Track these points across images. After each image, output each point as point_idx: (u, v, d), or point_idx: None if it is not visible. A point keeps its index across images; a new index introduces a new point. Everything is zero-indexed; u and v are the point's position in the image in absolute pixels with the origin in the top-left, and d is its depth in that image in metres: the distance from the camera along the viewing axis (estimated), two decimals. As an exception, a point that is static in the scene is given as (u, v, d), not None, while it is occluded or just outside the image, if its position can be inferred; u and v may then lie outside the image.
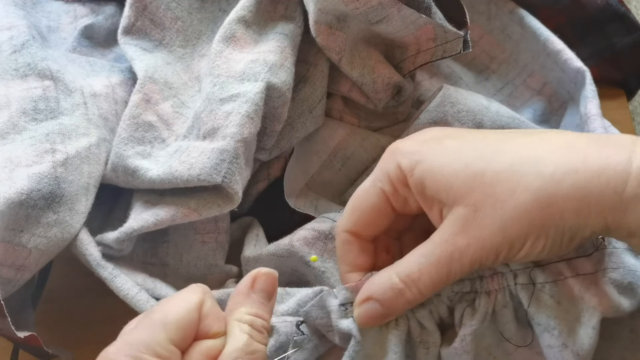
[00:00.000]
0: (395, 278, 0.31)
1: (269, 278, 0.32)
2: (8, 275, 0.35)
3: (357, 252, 0.34)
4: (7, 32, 0.41)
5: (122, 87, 0.44)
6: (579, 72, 0.46)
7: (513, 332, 0.33)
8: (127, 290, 0.37)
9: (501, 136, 0.32)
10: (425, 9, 0.41)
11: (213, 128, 0.38)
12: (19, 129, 0.38)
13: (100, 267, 0.38)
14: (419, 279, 0.31)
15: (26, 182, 0.35)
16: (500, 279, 0.33)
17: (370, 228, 0.34)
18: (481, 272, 0.33)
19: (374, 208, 0.33)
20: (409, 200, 0.33)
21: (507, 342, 0.33)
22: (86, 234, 0.38)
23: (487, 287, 0.33)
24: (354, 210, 0.34)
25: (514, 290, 0.33)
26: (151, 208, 0.38)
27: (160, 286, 0.39)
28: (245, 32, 0.42)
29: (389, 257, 0.35)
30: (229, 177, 0.37)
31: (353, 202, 0.34)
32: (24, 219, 0.35)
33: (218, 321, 0.30)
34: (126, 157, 0.39)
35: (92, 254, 0.38)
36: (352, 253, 0.34)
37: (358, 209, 0.34)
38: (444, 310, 0.33)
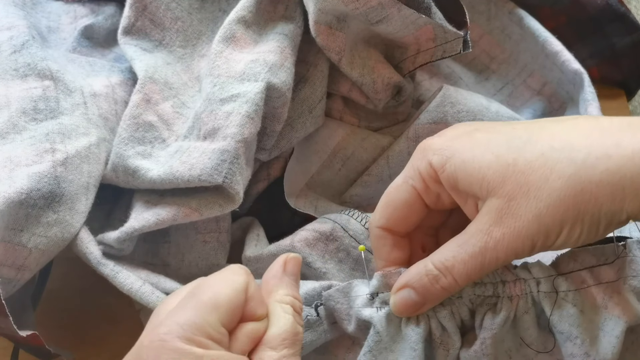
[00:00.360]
0: (430, 265, 0.31)
1: (297, 262, 0.33)
2: (8, 275, 0.35)
3: (391, 247, 0.34)
4: (7, 32, 0.41)
5: (122, 87, 0.44)
6: (577, 74, 0.46)
7: (534, 337, 0.33)
8: (131, 285, 0.37)
9: (531, 125, 0.32)
10: (425, 9, 0.41)
11: (213, 128, 0.38)
12: (19, 129, 0.38)
13: (101, 265, 0.38)
14: (454, 266, 0.31)
15: (26, 181, 0.35)
16: (523, 285, 0.32)
17: (403, 224, 0.34)
18: (504, 277, 0.33)
19: (406, 205, 0.33)
20: (441, 196, 0.33)
21: (527, 347, 0.33)
22: (86, 233, 0.38)
23: (509, 292, 0.33)
24: (386, 207, 0.34)
25: (536, 297, 0.32)
26: (152, 208, 0.38)
27: (164, 280, 0.38)
28: (245, 33, 0.42)
29: (424, 254, 0.35)
30: (230, 178, 0.37)
31: (385, 199, 0.34)
32: (24, 218, 0.35)
33: (262, 304, 0.31)
34: (126, 157, 0.39)
35: (92, 252, 0.38)
36: (385, 248, 0.34)
37: (390, 205, 0.34)
38: (465, 312, 0.33)
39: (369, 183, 0.44)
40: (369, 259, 0.38)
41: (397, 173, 0.44)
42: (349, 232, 0.39)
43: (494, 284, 0.33)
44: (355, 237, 0.39)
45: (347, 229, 0.39)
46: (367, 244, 0.38)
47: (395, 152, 0.44)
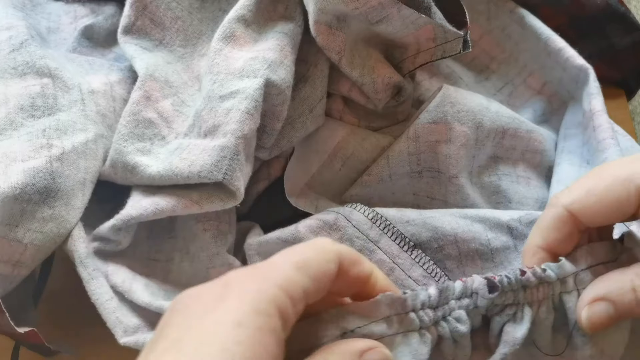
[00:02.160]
0: (639, 281, 0.27)
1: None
2: (5, 272, 0.35)
3: (565, 235, 0.30)
4: (6, 32, 0.41)
5: (121, 85, 0.44)
6: (582, 69, 0.46)
7: (548, 341, 0.30)
8: (99, 296, 0.37)
9: None
10: (425, 9, 0.41)
11: (214, 125, 0.38)
12: (16, 125, 0.38)
13: (82, 265, 0.37)
14: None
15: (21, 176, 0.35)
16: (547, 288, 0.29)
17: (597, 218, 0.29)
18: (526, 282, 0.29)
19: (617, 202, 0.28)
20: None
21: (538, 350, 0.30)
22: (78, 230, 0.38)
23: (530, 298, 0.29)
24: (590, 193, 0.29)
25: (556, 299, 0.30)
26: (151, 197, 0.38)
27: (136, 289, 0.38)
28: (245, 31, 0.42)
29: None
30: (230, 174, 0.37)
31: (593, 184, 0.29)
32: (19, 213, 0.35)
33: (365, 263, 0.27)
34: (126, 153, 0.39)
35: (77, 250, 0.37)
36: (558, 233, 0.30)
37: (595, 195, 0.29)
38: (479, 321, 0.30)
39: (369, 183, 0.44)
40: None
41: (397, 173, 0.44)
42: (352, 222, 0.39)
43: (515, 291, 0.29)
44: (358, 227, 0.39)
45: (350, 219, 0.39)
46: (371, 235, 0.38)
47: (396, 152, 0.44)
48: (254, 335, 0.22)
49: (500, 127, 0.45)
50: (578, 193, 0.29)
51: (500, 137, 0.45)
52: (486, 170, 0.46)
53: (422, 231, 0.38)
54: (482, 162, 0.46)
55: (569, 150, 0.46)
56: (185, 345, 0.22)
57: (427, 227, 0.38)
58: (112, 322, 0.36)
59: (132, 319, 0.37)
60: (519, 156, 0.46)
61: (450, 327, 0.29)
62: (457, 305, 0.29)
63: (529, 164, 0.47)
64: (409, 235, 0.38)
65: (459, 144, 0.43)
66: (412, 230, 0.38)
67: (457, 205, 0.44)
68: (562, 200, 0.30)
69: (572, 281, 0.30)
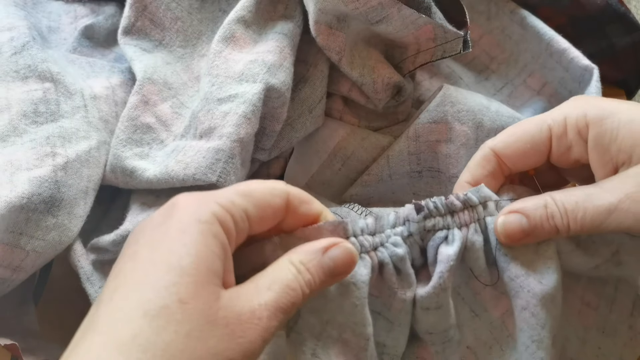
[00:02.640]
0: (551, 201, 0.31)
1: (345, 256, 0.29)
2: (3, 275, 0.36)
3: (488, 171, 0.34)
4: (8, 33, 0.41)
5: (123, 88, 0.44)
6: (587, 69, 0.46)
7: (482, 269, 0.33)
8: None
9: None
10: (425, 9, 0.41)
11: (210, 127, 0.38)
12: (19, 132, 0.38)
13: (89, 282, 0.38)
14: (574, 211, 0.30)
15: (27, 186, 0.35)
16: (472, 212, 0.32)
17: (516, 159, 0.33)
18: (452, 206, 0.32)
19: (531, 142, 0.33)
20: (571, 150, 0.32)
21: (475, 280, 0.33)
22: (80, 245, 0.38)
23: (458, 221, 0.32)
24: (511, 135, 0.33)
25: (482, 223, 0.32)
26: (147, 210, 0.39)
27: None
28: (245, 32, 0.42)
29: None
30: (224, 177, 0.37)
31: (514, 128, 0.34)
32: (24, 222, 0.35)
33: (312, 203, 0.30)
34: (124, 158, 0.39)
35: (83, 267, 0.38)
36: (483, 170, 0.34)
37: (515, 135, 0.33)
38: (417, 250, 0.32)
39: (369, 183, 0.44)
40: None
41: (397, 173, 0.44)
42: None
43: (443, 215, 0.32)
44: None
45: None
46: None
47: (396, 152, 0.44)
48: (197, 239, 0.26)
49: (501, 126, 0.45)
50: (501, 136, 0.34)
51: (500, 137, 0.45)
52: (486, 170, 0.46)
53: None
54: (482, 162, 0.46)
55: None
56: (139, 255, 0.26)
57: None
58: None
59: None
60: (519, 156, 0.46)
61: (388, 252, 0.31)
62: (392, 232, 0.32)
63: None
64: None
65: (459, 143, 0.43)
66: None
67: (457, 205, 0.44)
68: (488, 142, 0.34)
69: (494, 206, 0.33)
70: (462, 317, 0.34)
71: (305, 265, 0.28)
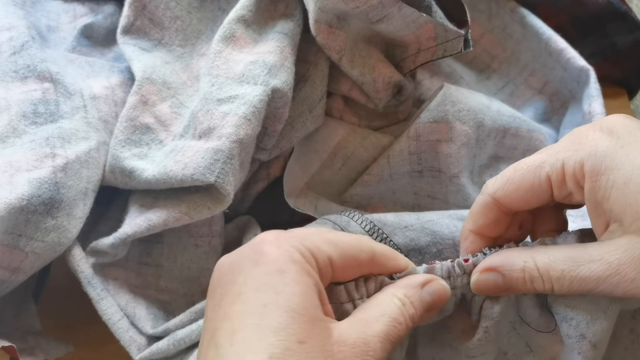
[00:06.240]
0: (533, 266, 0.30)
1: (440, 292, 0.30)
2: (2, 277, 0.36)
3: (492, 220, 0.33)
4: (7, 32, 0.41)
5: (122, 88, 0.44)
6: (583, 70, 0.46)
7: (534, 318, 0.32)
8: (110, 315, 0.38)
9: None
10: (426, 7, 0.41)
11: (209, 128, 0.38)
12: (18, 133, 0.38)
13: (90, 285, 0.38)
14: (559, 279, 0.29)
15: (27, 187, 0.35)
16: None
17: (518, 204, 0.32)
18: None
19: (530, 189, 0.31)
20: (573, 196, 0.30)
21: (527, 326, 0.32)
22: (79, 250, 0.38)
23: None
24: (510, 182, 0.32)
25: None
26: (145, 212, 0.38)
27: (140, 316, 0.39)
28: (245, 32, 0.42)
29: (519, 232, 0.34)
30: (222, 178, 0.37)
31: (512, 173, 0.32)
32: (24, 223, 0.35)
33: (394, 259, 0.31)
34: (123, 158, 0.39)
35: (83, 272, 0.38)
36: (485, 218, 0.33)
37: (513, 183, 0.32)
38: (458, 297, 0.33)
39: (369, 182, 0.44)
40: None
41: (397, 172, 0.44)
42: None
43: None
44: None
45: (347, 230, 0.39)
46: None
47: (396, 152, 0.43)
48: (297, 279, 0.26)
49: (502, 126, 0.44)
50: (500, 182, 0.32)
51: (501, 137, 0.45)
52: (487, 170, 0.46)
53: (420, 236, 0.38)
54: (483, 162, 0.46)
55: (568, 150, 0.46)
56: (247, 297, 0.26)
57: (426, 231, 0.38)
58: (126, 341, 0.38)
59: (143, 337, 0.39)
60: (521, 156, 0.46)
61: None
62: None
63: (530, 164, 0.47)
64: (407, 240, 0.38)
65: (460, 143, 0.42)
66: (411, 235, 0.38)
67: (458, 205, 0.43)
68: (488, 188, 0.33)
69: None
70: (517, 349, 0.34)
71: (410, 299, 0.29)
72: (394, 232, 0.38)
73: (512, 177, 0.32)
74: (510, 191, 0.32)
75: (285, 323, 0.25)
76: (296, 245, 0.28)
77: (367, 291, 0.31)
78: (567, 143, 0.31)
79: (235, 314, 0.26)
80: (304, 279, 0.27)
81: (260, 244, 0.28)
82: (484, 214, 0.33)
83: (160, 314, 0.40)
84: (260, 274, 0.27)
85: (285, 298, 0.26)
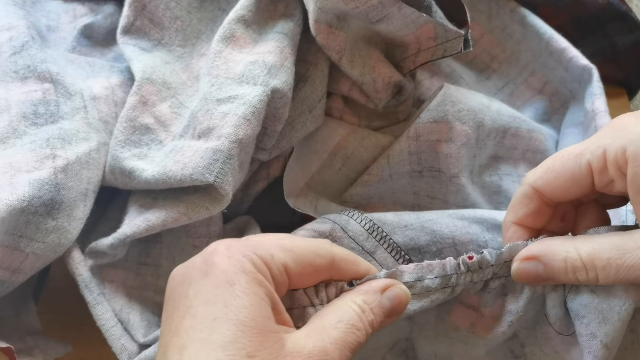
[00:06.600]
0: (577, 256, 0.30)
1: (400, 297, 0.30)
2: (2, 277, 0.35)
3: (533, 210, 0.33)
4: (7, 32, 0.41)
5: (122, 88, 0.44)
6: (585, 69, 0.46)
7: (559, 317, 0.32)
8: (105, 321, 0.38)
9: None
10: (426, 7, 0.41)
11: (208, 128, 0.38)
12: (19, 134, 0.37)
13: (87, 289, 0.38)
14: (604, 268, 0.29)
15: (27, 188, 0.35)
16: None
17: (559, 194, 0.32)
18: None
19: (571, 178, 0.31)
20: (615, 183, 0.30)
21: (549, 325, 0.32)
22: (78, 252, 0.38)
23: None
24: (550, 171, 0.32)
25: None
26: (144, 213, 0.38)
27: (134, 322, 0.39)
28: (245, 32, 0.42)
29: (562, 224, 0.34)
30: (221, 177, 0.37)
31: (552, 162, 0.32)
32: (24, 225, 0.35)
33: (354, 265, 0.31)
34: (122, 159, 0.39)
35: (81, 275, 0.38)
36: (526, 209, 0.33)
37: (553, 172, 0.32)
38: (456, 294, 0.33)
39: (369, 182, 0.44)
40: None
41: (397, 172, 0.44)
42: (349, 233, 0.39)
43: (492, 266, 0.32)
44: (354, 238, 0.38)
45: (346, 229, 0.39)
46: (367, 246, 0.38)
47: (396, 152, 0.43)
48: (247, 290, 0.26)
49: (502, 126, 0.44)
50: (540, 171, 0.32)
51: (501, 137, 0.45)
52: (487, 170, 0.46)
53: (420, 235, 0.38)
54: (483, 162, 0.45)
55: (566, 149, 0.46)
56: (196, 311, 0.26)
57: (426, 230, 0.38)
58: (118, 348, 0.38)
59: (135, 344, 0.38)
60: (520, 156, 0.46)
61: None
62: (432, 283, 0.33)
63: (531, 164, 0.47)
64: (407, 239, 0.38)
65: (460, 143, 0.42)
66: (410, 235, 0.38)
67: (457, 205, 0.43)
68: (528, 178, 0.33)
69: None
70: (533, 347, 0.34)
71: (370, 305, 0.29)
72: (393, 231, 0.38)
73: (552, 166, 0.32)
74: (550, 180, 0.32)
75: (234, 337, 0.25)
76: (248, 254, 0.27)
77: (328, 296, 0.31)
78: (608, 131, 0.30)
79: (185, 329, 0.26)
80: (254, 289, 0.26)
81: (211, 254, 0.28)
82: (525, 204, 0.33)
83: (154, 320, 0.40)
84: (210, 286, 0.27)
85: (234, 311, 0.26)
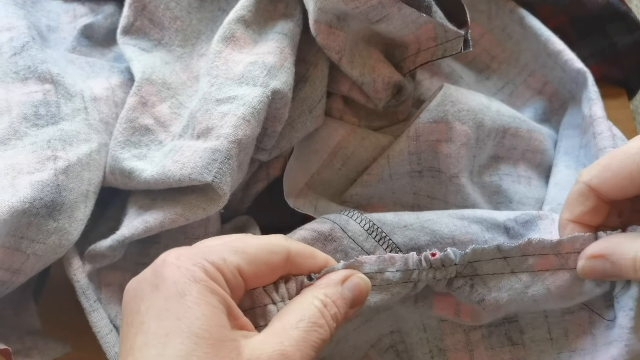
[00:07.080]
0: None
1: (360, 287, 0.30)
2: (3, 278, 0.36)
3: (590, 208, 0.33)
4: (7, 33, 0.41)
5: (122, 88, 0.44)
6: (580, 73, 0.46)
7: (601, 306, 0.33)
8: (100, 328, 0.38)
9: None
10: (426, 7, 0.41)
11: (207, 128, 0.38)
12: (20, 135, 0.37)
13: (84, 295, 0.38)
14: None
15: (29, 190, 0.35)
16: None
17: (615, 192, 0.32)
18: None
19: (629, 176, 0.31)
20: None
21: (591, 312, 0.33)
22: (77, 259, 0.38)
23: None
24: (607, 169, 0.32)
25: None
26: (142, 214, 0.38)
27: None
28: (245, 32, 0.42)
29: (618, 220, 0.34)
30: (220, 177, 0.37)
31: (608, 160, 0.32)
32: (26, 226, 0.35)
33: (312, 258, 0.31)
34: (122, 159, 0.39)
35: (79, 281, 0.38)
36: (583, 207, 0.33)
37: (610, 170, 0.32)
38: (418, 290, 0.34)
39: (369, 182, 0.44)
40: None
41: (397, 172, 0.44)
42: (348, 233, 0.39)
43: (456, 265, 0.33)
44: (354, 238, 0.39)
45: (346, 229, 0.39)
46: (366, 246, 0.38)
47: (396, 152, 0.43)
48: (198, 300, 0.26)
49: (501, 126, 0.44)
50: (596, 169, 0.33)
51: (501, 137, 0.45)
52: (487, 170, 0.46)
53: (420, 235, 0.38)
54: (483, 162, 0.46)
55: (566, 151, 0.46)
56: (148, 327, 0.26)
57: (425, 230, 0.38)
58: (111, 356, 0.37)
59: None
60: (520, 156, 0.46)
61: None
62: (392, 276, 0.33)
63: (530, 164, 0.47)
64: (407, 239, 0.38)
65: (460, 143, 0.42)
66: (410, 235, 0.38)
67: (457, 205, 0.43)
68: (583, 176, 0.33)
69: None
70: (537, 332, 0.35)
71: (332, 298, 0.29)
72: (393, 232, 0.38)
73: (609, 164, 0.32)
74: (606, 179, 0.32)
75: (188, 350, 0.24)
76: (198, 262, 0.27)
77: (289, 292, 0.30)
78: None
79: (138, 347, 0.25)
80: (207, 298, 0.26)
81: (160, 265, 0.27)
82: (581, 202, 0.33)
83: None
84: (161, 299, 0.26)
85: (187, 323, 0.25)
